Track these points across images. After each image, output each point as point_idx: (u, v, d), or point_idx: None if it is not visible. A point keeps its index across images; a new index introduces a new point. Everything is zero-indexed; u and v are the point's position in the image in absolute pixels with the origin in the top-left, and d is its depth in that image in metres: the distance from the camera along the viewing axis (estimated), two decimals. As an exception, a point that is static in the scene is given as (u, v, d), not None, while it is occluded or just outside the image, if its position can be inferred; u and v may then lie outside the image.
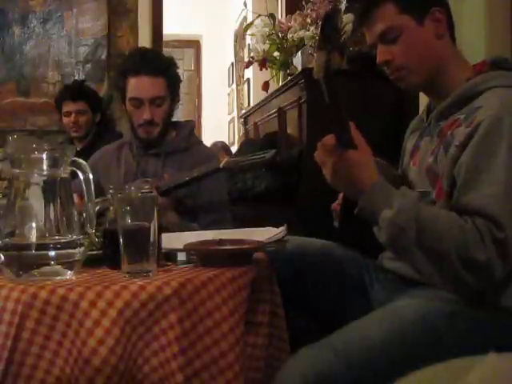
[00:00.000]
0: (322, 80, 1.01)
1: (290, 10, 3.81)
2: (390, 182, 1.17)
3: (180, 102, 2.23)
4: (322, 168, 1.16)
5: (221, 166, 1.70)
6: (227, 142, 5.63)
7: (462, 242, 1.06)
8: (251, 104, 4.98)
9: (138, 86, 1.90)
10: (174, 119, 2.08)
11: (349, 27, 2.59)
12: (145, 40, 3.62)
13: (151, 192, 1.14)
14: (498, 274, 1.06)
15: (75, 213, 1.14)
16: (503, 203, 1.08)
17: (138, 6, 3.62)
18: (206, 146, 2.21)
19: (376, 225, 1.13)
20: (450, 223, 1.08)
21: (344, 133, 1.10)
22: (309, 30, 2.86)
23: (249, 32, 3.57)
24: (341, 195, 1.39)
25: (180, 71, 2.08)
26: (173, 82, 1.95)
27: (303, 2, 3.08)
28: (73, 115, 3.04)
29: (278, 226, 1.35)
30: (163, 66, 1.93)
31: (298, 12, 3.08)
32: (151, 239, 1.10)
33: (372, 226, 1.16)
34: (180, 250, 1.24)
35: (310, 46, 2.77)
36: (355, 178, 1.12)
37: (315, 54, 1.04)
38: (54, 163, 1.11)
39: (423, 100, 1.48)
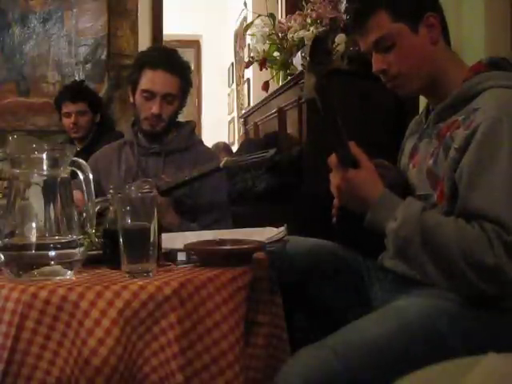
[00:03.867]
0: (317, 98, 1.02)
1: (290, 10, 3.81)
2: (395, 185, 1.18)
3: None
4: (335, 190, 1.22)
5: (221, 165, 1.70)
6: (227, 142, 5.62)
7: (467, 247, 1.06)
8: (251, 104, 4.97)
9: (154, 79, 1.90)
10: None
11: (341, 47, 2.59)
12: (145, 40, 3.61)
13: (151, 192, 1.14)
14: (509, 276, 1.06)
15: (75, 213, 1.14)
16: (508, 206, 1.08)
17: (138, 6, 3.62)
18: (206, 146, 2.21)
19: (385, 237, 1.16)
20: (455, 230, 1.09)
21: (343, 151, 1.15)
22: (309, 30, 2.86)
23: (249, 32, 3.58)
24: None
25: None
26: (186, 84, 1.97)
27: (303, 2, 3.07)
28: (73, 116, 3.03)
29: (277, 226, 1.35)
30: (181, 66, 1.96)
31: (297, 12, 3.08)
32: (151, 239, 1.10)
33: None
34: (180, 250, 1.25)
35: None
36: (360, 196, 1.17)
37: (305, 75, 1.05)
38: (54, 163, 1.11)
39: (423, 100, 1.48)
